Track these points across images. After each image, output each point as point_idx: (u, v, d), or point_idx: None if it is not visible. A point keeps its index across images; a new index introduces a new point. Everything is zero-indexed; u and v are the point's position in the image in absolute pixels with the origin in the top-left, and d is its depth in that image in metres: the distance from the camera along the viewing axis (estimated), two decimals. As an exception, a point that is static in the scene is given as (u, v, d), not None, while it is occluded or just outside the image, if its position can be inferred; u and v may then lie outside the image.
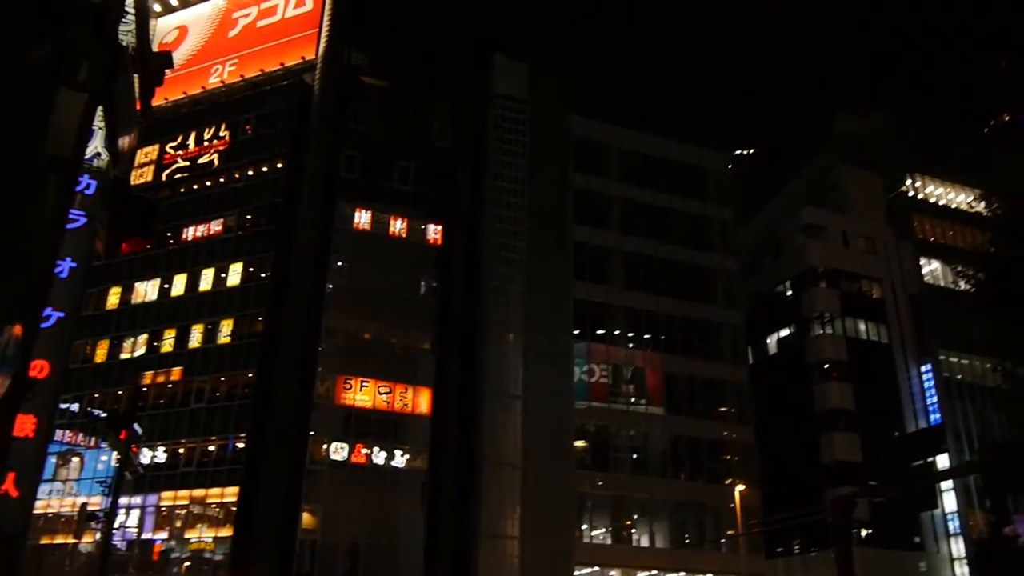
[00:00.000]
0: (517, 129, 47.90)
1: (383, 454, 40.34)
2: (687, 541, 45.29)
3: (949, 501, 50.84)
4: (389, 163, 46.10)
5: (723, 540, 45.25)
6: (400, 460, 40.75)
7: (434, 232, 45.65)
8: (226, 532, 38.42)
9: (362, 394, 40.79)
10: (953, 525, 50.88)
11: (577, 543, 42.22)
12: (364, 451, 39.97)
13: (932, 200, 61.16)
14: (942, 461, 45.77)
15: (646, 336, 48.06)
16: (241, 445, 39.81)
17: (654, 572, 44.09)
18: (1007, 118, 52.20)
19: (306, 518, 38.83)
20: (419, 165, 46.50)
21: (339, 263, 43.32)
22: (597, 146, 50.71)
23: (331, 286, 42.49)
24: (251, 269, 43.75)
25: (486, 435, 42.11)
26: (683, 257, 49.92)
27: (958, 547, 50.07)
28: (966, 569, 48.49)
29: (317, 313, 40.84)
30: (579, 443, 44.73)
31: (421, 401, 41.84)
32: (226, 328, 42.82)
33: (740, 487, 43.27)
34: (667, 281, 48.78)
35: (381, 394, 41.09)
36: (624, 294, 47.66)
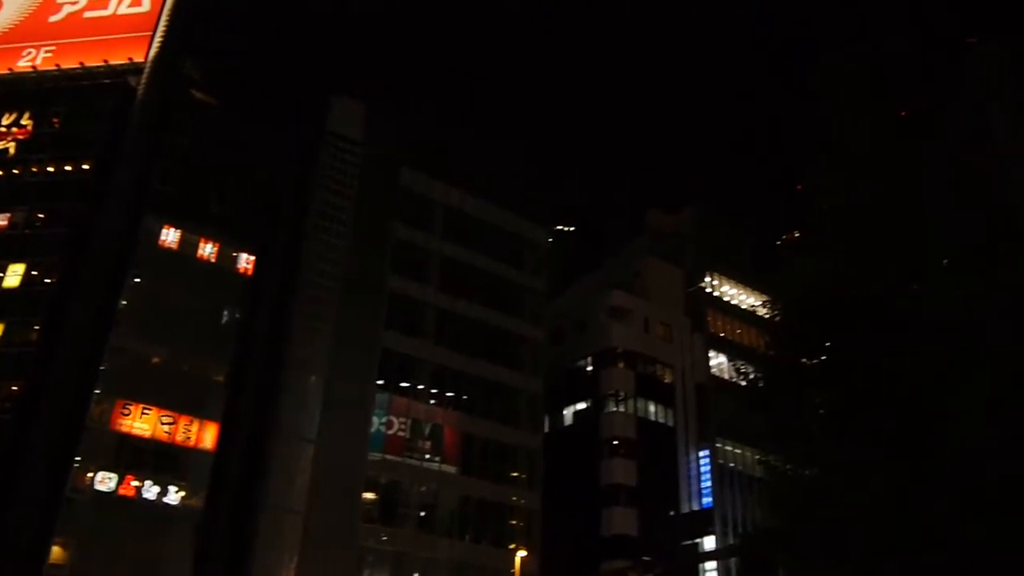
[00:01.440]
0: (347, 171, 47.51)
1: (155, 488, 37.54)
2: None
3: (712, 581, 53.90)
4: (208, 184, 44.17)
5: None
6: (174, 496, 38.09)
7: (246, 262, 43.95)
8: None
9: (142, 422, 37.99)
10: (713, 604, 53.87)
11: (353, 599, 41.02)
12: (134, 483, 37.02)
13: (726, 299, 66.12)
14: (709, 542, 48.70)
15: (449, 394, 48.24)
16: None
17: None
18: (796, 235, 57.89)
19: (56, 552, 35.28)
20: (240, 191, 44.86)
21: (137, 280, 40.62)
22: (423, 200, 51.13)
23: (124, 303, 39.70)
24: (34, 272, 40.06)
25: (272, 478, 40.33)
26: (495, 320, 50.93)
27: (715, 626, 52.99)
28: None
29: (104, 329, 37.95)
30: (368, 495, 43.74)
31: (206, 435, 39.52)
32: (-4, 334, 38.78)
33: (521, 553, 43.84)
34: (476, 342, 49.48)
35: (163, 424, 38.45)
36: (433, 349, 47.78)
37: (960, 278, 12.31)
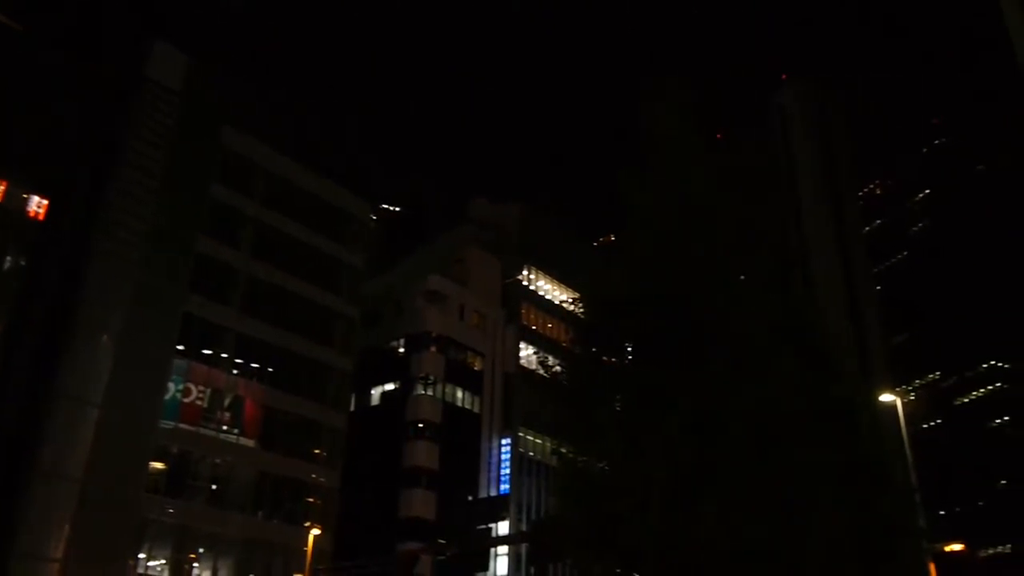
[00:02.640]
0: (163, 121, 44.58)
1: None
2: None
3: (502, 565, 55.42)
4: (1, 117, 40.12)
5: (289, 583, 44.64)
6: (-71, 457, 34.52)
7: (38, 205, 40.35)
8: None
9: None
10: (501, 588, 55.49)
11: (131, 572, 38.80)
12: None
13: (541, 293, 68.07)
14: (503, 528, 50.06)
15: (255, 365, 46.65)
16: None
17: (208, 610, 42.01)
18: (612, 239, 60.77)
19: None
20: (39, 129, 41.05)
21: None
22: (245, 163, 48.96)
23: None
24: None
25: (49, 442, 37.34)
26: (310, 294, 49.75)
27: (502, 608, 54.62)
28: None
29: None
30: (157, 465, 41.49)
31: (-25, 392, 36.06)
32: None
33: (316, 531, 43.25)
34: (288, 314, 48.13)
35: (-77, 376, 34.73)
36: (241, 318, 45.97)
37: (745, 297, 13.36)
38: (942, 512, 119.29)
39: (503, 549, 54.51)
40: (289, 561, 44.45)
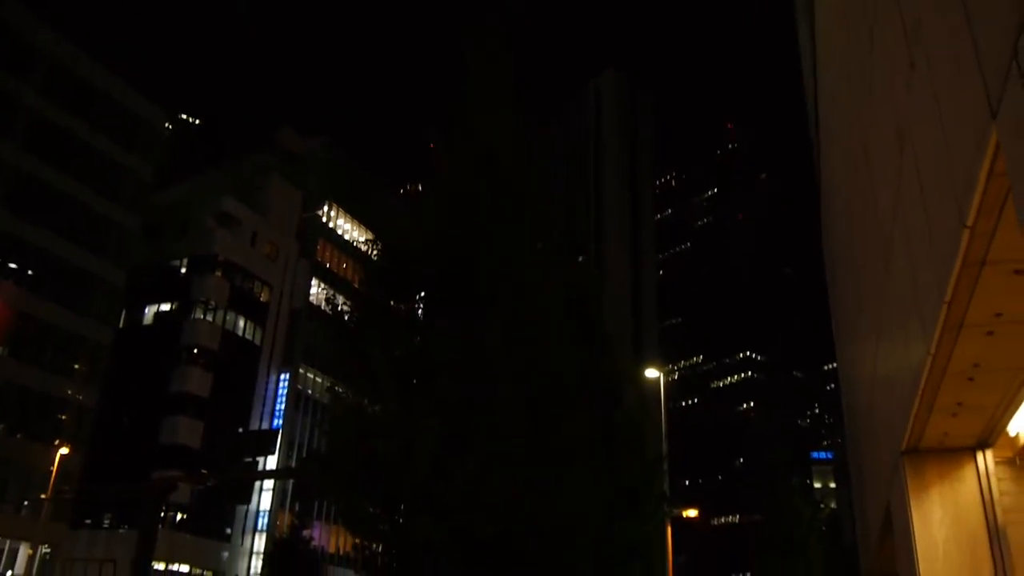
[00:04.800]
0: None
1: None
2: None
3: (265, 500, 54.56)
4: None
5: (26, 503, 41.44)
6: None
7: None
8: None
9: None
10: (262, 522, 54.62)
11: None
12: None
13: (339, 232, 66.78)
14: (271, 462, 49.13)
15: (12, 265, 42.49)
16: None
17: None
18: (419, 188, 60.56)
19: None
20: None
21: None
22: (26, 45, 44.01)
23: None
24: None
25: None
26: (84, 197, 45.78)
27: (261, 542, 53.83)
28: (259, 562, 52.26)
29: None
30: None
31: None
32: None
33: (64, 450, 40.47)
34: (57, 216, 44.10)
35: None
36: (1, 213, 41.61)
37: (532, 264, 13.84)
38: (687, 482, 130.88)
39: (268, 484, 53.69)
40: (29, 481, 41.28)
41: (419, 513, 12.79)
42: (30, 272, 43.06)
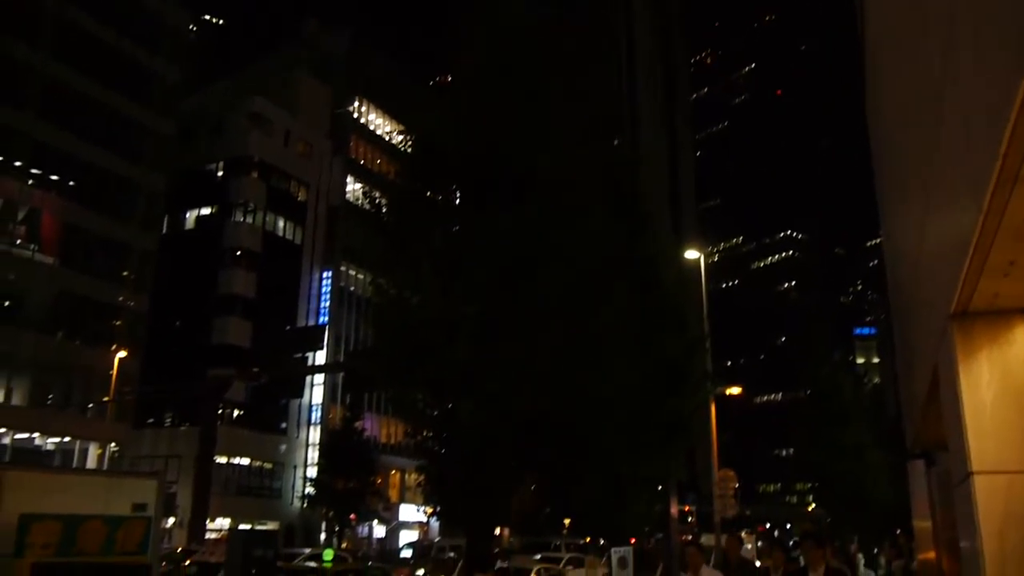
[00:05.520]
0: None
1: None
2: (50, 401, 42.27)
3: (317, 394, 56.38)
4: None
5: (91, 405, 43.36)
6: None
7: None
8: None
9: None
10: (316, 415, 56.64)
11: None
12: None
13: (371, 127, 66.18)
14: (320, 357, 50.52)
15: (54, 177, 43.02)
16: None
17: (2, 430, 40.28)
18: (448, 79, 59.35)
19: None
20: None
21: None
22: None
23: None
24: None
25: None
26: (117, 103, 45.67)
27: (315, 434, 55.98)
28: (315, 454, 54.49)
29: None
30: (-63, 278, 38.26)
31: None
32: None
33: (122, 353, 41.94)
34: (92, 124, 44.12)
35: None
36: (37, 123, 41.77)
37: (568, 149, 13.61)
38: (728, 362, 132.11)
39: (319, 378, 55.26)
40: (92, 384, 43.00)
41: (464, 397, 13.12)
42: (72, 183, 43.57)
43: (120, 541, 11.11)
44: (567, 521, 40.47)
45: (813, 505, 75.83)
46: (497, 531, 23.68)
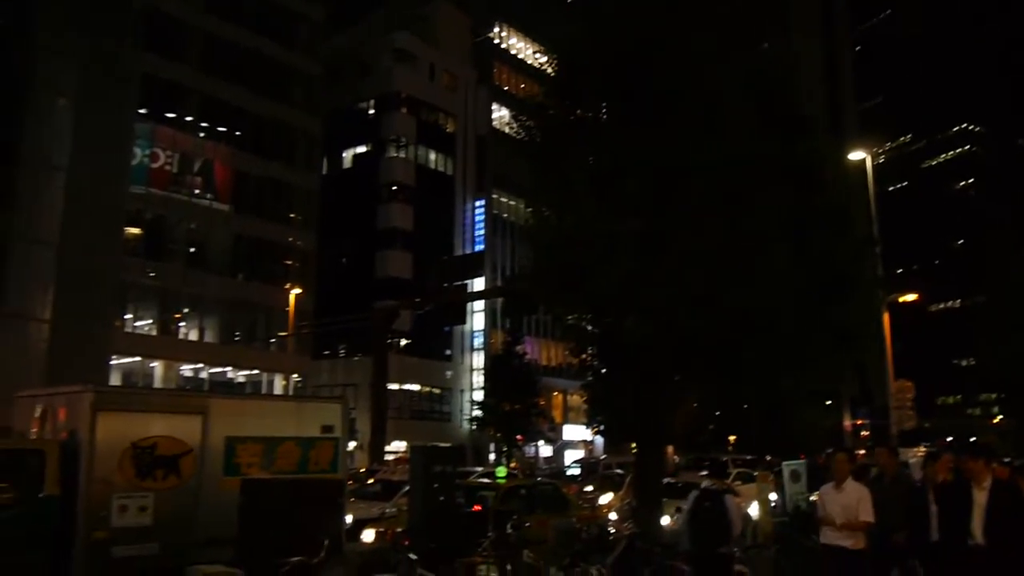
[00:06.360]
0: None
1: None
2: (237, 338, 45.75)
3: (478, 321, 58.08)
4: None
5: (273, 340, 46.62)
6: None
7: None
8: None
9: None
10: (478, 341, 58.50)
11: (118, 332, 40.20)
12: None
13: (512, 51, 65.74)
14: (478, 284, 51.79)
15: (221, 128, 45.63)
16: None
17: (199, 365, 44.09)
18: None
19: None
20: None
21: None
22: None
23: None
24: None
25: (19, 207, 37.14)
26: (268, 50, 47.51)
27: (478, 360, 57.92)
28: (480, 378, 56.44)
29: None
30: (132, 230, 41.77)
31: (-65, 157, 35.21)
32: None
33: (296, 291, 44.58)
34: (248, 74, 46.21)
35: None
36: (201, 78, 44.22)
37: (717, 53, 12.97)
38: (900, 270, 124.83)
39: (479, 305, 56.77)
40: (272, 320, 46.15)
41: (625, 314, 13.11)
42: (237, 132, 46.05)
43: (313, 460, 11.99)
44: (732, 438, 40.22)
45: (1000, 416, 71.49)
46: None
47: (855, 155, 27.35)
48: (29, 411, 11.46)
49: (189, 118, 44.19)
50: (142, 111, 41.77)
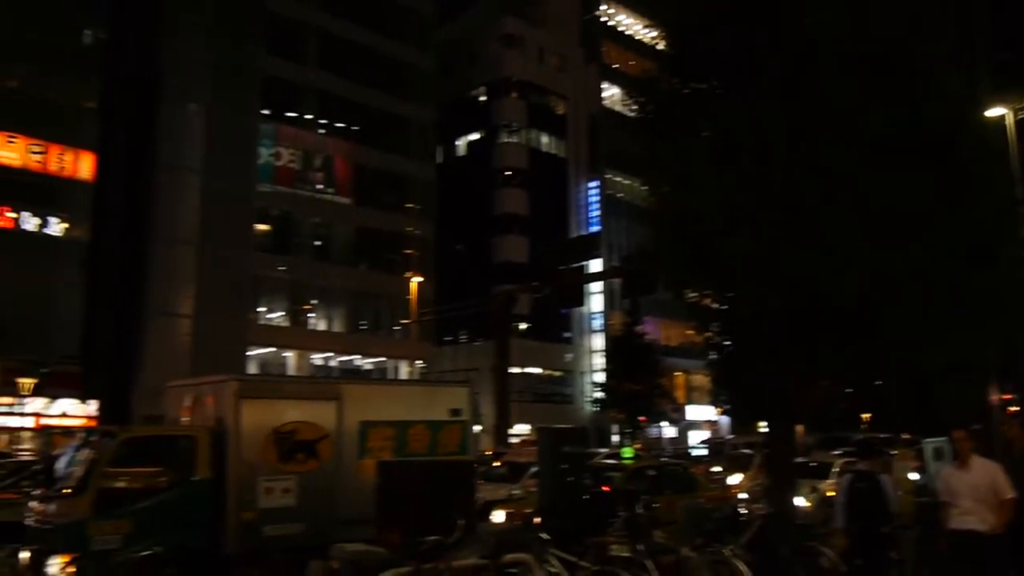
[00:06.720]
0: None
1: (35, 220, 36.39)
2: (362, 327, 47.24)
3: (596, 302, 57.85)
4: None
5: (396, 327, 47.91)
6: (56, 228, 37.06)
7: (108, -22, 39.71)
8: None
9: (8, 150, 35.82)
10: (597, 323, 58.31)
11: (253, 324, 42.28)
12: (10, 214, 35.69)
13: (621, 28, 64.78)
14: (595, 266, 51.51)
15: (339, 124, 47.07)
16: None
17: (329, 354, 45.83)
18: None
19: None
20: None
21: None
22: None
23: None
24: None
25: (159, 209, 39.55)
26: (381, 46, 48.50)
27: (599, 342, 57.74)
28: (601, 360, 56.28)
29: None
30: (261, 226, 43.78)
31: (82, 165, 37.79)
32: None
33: (417, 279, 45.58)
34: (363, 68, 47.43)
35: (33, 153, 36.41)
36: (319, 76, 45.72)
37: (837, 12, 12.35)
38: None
39: (597, 287, 56.45)
40: (395, 308, 47.42)
41: (751, 288, 12.70)
42: (355, 127, 47.38)
43: (442, 443, 12.29)
44: (865, 416, 38.57)
45: None
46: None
47: (995, 111, 25.63)
48: (179, 400, 12.19)
49: (309, 116, 45.82)
50: (265, 112, 43.55)
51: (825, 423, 30.71)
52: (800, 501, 14.42)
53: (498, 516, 14.40)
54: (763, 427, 15.99)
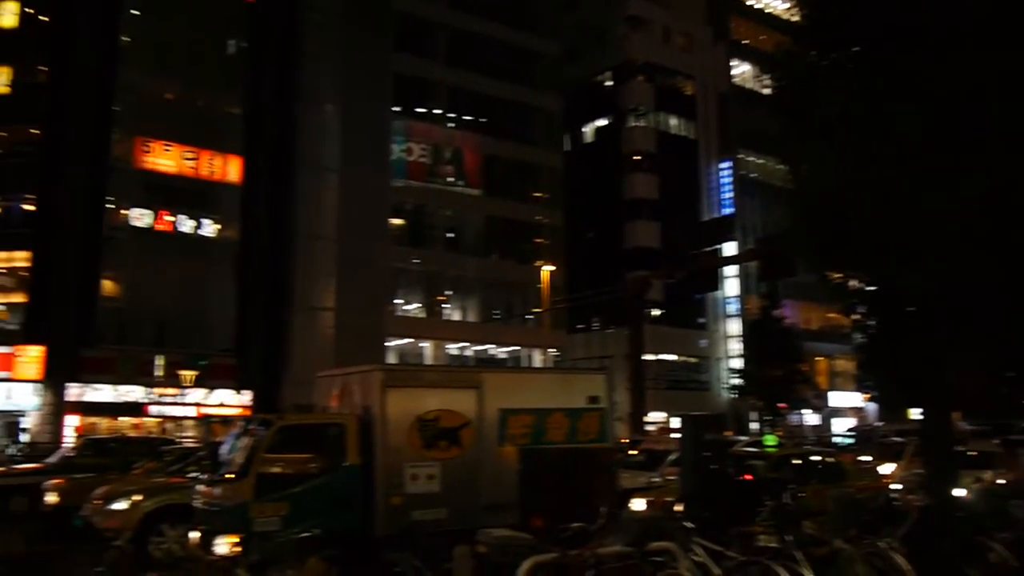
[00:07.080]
0: None
1: (190, 222, 38.83)
2: (496, 316, 47.91)
3: (731, 286, 56.37)
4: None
5: (529, 316, 48.32)
6: (209, 229, 39.44)
7: (248, -11, 41.81)
8: (19, 299, 36.36)
9: (164, 158, 38.38)
10: (732, 307, 56.85)
11: (391, 316, 43.70)
12: (168, 218, 38.22)
13: (749, 2, 62.62)
14: (730, 248, 50.16)
15: (467, 116, 47.78)
16: (29, 207, 36.78)
17: (464, 344, 46.76)
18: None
19: (108, 286, 37.38)
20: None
21: (133, 12, 39.02)
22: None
23: (126, 39, 38.50)
24: (29, 9, 38.38)
25: (300, 207, 41.45)
26: (507, 36, 48.87)
27: (735, 327, 56.29)
28: (737, 345, 54.88)
29: (111, 68, 37.15)
30: (396, 220, 45.12)
31: (231, 169, 40.04)
32: (3, 77, 37.89)
33: (548, 267, 45.74)
34: (490, 60, 47.86)
35: (186, 159, 38.85)
36: (446, 70, 46.57)
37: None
38: None
39: (732, 271, 54.97)
40: (527, 297, 47.81)
41: (901, 266, 12.05)
42: (482, 118, 47.97)
43: (581, 430, 12.29)
44: (1031, 401, 35.86)
45: None
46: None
47: None
48: (327, 390, 12.75)
49: (437, 110, 46.74)
50: (395, 108, 44.76)
51: (985, 410, 28.81)
52: (961, 492, 13.61)
53: (638, 504, 14.29)
54: (915, 414, 15.16)
